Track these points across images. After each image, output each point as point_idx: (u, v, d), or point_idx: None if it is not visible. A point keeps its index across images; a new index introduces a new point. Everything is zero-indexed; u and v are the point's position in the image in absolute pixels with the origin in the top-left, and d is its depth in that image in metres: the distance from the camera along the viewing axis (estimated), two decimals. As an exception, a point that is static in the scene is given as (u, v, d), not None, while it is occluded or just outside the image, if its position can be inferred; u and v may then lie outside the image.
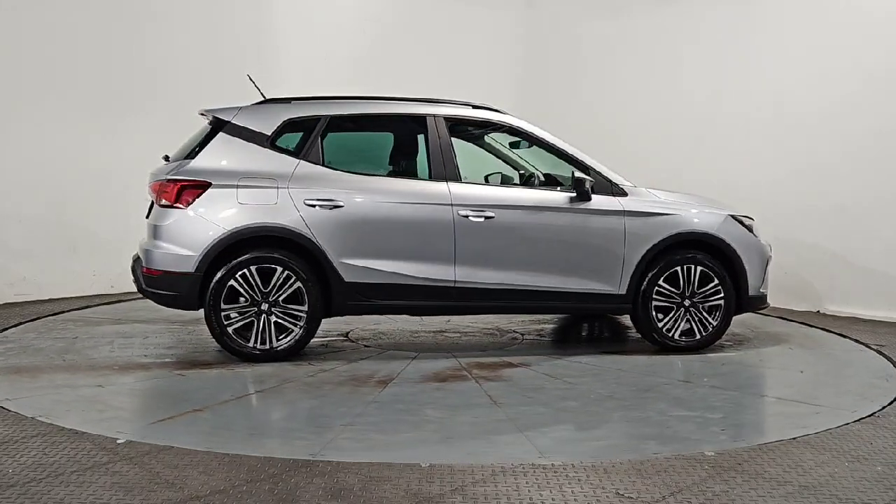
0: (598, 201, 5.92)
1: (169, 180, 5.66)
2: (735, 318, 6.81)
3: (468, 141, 6.59)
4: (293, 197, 5.62)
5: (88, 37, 8.23)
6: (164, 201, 5.65)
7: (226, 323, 5.56)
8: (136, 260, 5.92)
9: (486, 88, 9.51)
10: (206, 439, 4.04)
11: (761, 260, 6.26)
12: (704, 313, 6.08)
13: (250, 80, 6.22)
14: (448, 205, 5.74)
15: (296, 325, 5.63)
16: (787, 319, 7.60)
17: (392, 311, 6.07)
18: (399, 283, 5.72)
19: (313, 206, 5.63)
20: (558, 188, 6.01)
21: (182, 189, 5.60)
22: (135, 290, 6.13)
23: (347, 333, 6.78)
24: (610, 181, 6.02)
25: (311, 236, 5.59)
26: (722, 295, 6.05)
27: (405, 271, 5.71)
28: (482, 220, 5.76)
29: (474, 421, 4.44)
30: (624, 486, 3.48)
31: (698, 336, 6.09)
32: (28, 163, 7.91)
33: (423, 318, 7.21)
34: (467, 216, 5.75)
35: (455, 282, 5.78)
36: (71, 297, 8.09)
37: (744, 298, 6.14)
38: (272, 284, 5.56)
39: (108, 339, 6.45)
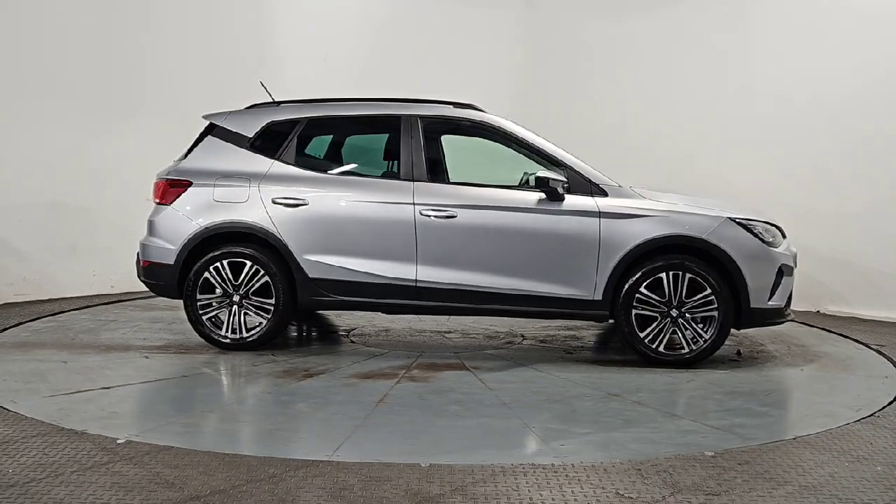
0: (572, 202, 5.67)
1: (160, 179, 6.19)
2: (778, 332, 6.67)
3: (493, 141, 6.23)
4: (263, 195, 5.90)
5: (88, 37, 8.22)
6: (155, 199, 6.19)
7: (201, 312, 5.94)
8: (139, 252, 6.37)
9: (486, 88, 9.51)
10: (73, 417, 4.39)
11: (769, 268, 5.67)
12: (695, 325, 5.62)
13: (262, 86, 6.42)
14: (410, 204, 5.76)
15: (265, 317, 5.92)
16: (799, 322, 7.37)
17: (355, 308, 6.13)
18: (361, 280, 5.81)
19: (280, 204, 5.88)
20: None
21: (167, 188, 6.11)
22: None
23: (351, 330, 6.90)
24: (589, 181, 5.73)
25: (277, 233, 5.85)
26: (715, 305, 5.57)
27: (367, 269, 5.80)
28: (444, 219, 5.73)
29: (326, 418, 4.49)
30: (624, 486, 3.49)
31: (687, 349, 5.63)
32: (28, 163, 7.90)
33: (450, 317, 7.19)
34: (429, 215, 5.74)
35: (417, 281, 5.77)
36: (71, 297, 8.09)
37: (745, 310, 5.62)
38: (242, 278, 5.90)
39: (136, 322, 6.99)
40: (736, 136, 8.68)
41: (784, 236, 5.97)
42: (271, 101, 6.36)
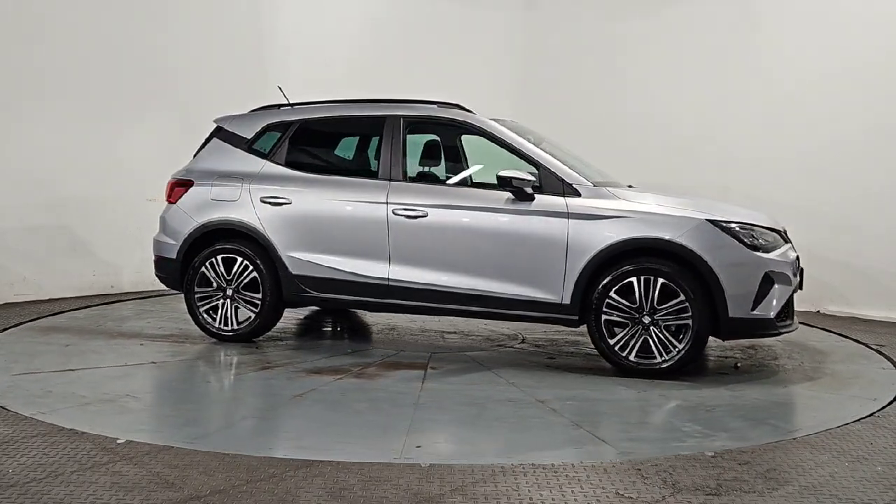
0: (542, 202, 5.49)
1: (171, 179, 6.51)
2: (807, 345, 6.40)
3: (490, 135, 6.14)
4: (252, 194, 6.15)
5: (90, 39, 8.20)
6: (166, 198, 6.51)
7: (198, 304, 6.23)
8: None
9: (486, 88, 9.51)
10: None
11: (752, 275, 5.24)
12: (668, 333, 5.27)
13: (280, 90, 6.55)
14: (384, 203, 5.80)
15: (254, 311, 6.15)
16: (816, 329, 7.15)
17: (334, 305, 6.39)
18: (337, 277, 5.93)
19: (267, 203, 6.10)
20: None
21: (173, 187, 6.46)
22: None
23: (365, 326, 7.18)
24: (562, 180, 5.52)
25: (263, 230, 6.07)
26: (689, 313, 5.22)
27: (344, 267, 5.91)
28: (414, 219, 5.74)
29: (224, 408, 4.83)
30: (624, 486, 3.49)
31: (658, 359, 5.29)
32: (28, 163, 7.89)
33: (467, 319, 7.03)
34: (401, 214, 5.76)
35: (389, 280, 5.81)
36: (71, 297, 8.08)
37: (722, 320, 5.23)
38: (233, 273, 6.15)
39: (170, 314, 7.15)
40: (736, 136, 8.67)
41: (786, 241, 5.64)
42: (287, 102, 6.49)
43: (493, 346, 6.39)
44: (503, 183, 5.53)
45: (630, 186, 6.10)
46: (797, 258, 5.61)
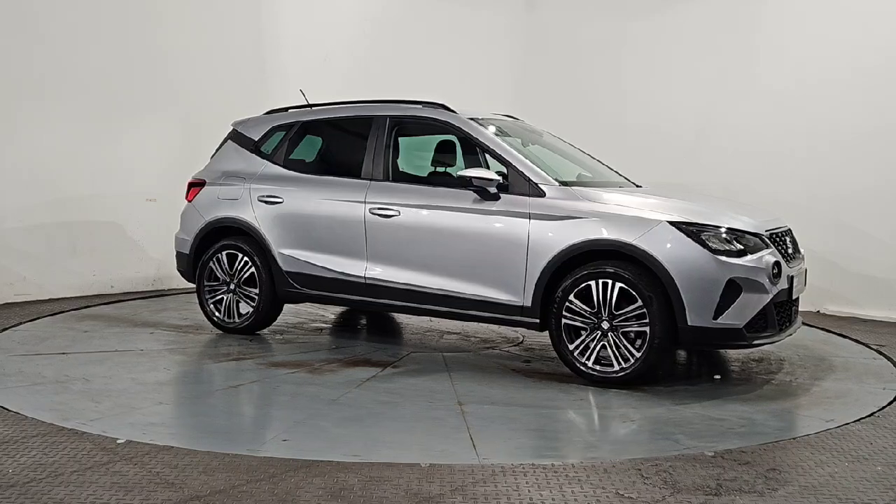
0: (507, 201, 5.38)
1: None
2: (822, 356, 6.17)
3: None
4: (252, 194, 6.42)
5: (90, 38, 8.19)
6: (185, 197, 6.86)
7: (207, 297, 6.58)
8: None
9: (486, 89, 9.51)
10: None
11: (713, 280, 4.87)
12: (626, 341, 5.02)
13: (302, 93, 6.73)
14: (362, 202, 5.89)
15: (252, 305, 6.41)
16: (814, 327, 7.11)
17: (320, 301, 6.46)
18: (321, 275, 6.10)
19: (263, 201, 6.36)
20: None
21: (190, 186, 6.81)
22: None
23: (381, 323, 7.38)
24: (529, 180, 5.38)
25: (259, 228, 6.33)
26: (647, 320, 4.96)
27: (327, 264, 6.07)
28: (387, 218, 5.80)
29: (154, 395, 4.90)
30: (624, 486, 3.49)
31: (616, 366, 5.05)
32: (28, 163, 7.88)
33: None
34: (376, 214, 5.84)
35: (365, 278, 5.90)
36: (71, 297, 8.07)
37: (681, 327, 4.91)
38: (235, 268, 6.44)
39: (190, 306, 7.23)
40: (735, 135, 8.67)
41: (766, 246, 5.15)
42: (307, 103, 6.66)
43: (481, 348, 6.30)
44: (464, 182, 5.48)
45: (638, 186, 6.12)
46: (776, 263, 5.09)
